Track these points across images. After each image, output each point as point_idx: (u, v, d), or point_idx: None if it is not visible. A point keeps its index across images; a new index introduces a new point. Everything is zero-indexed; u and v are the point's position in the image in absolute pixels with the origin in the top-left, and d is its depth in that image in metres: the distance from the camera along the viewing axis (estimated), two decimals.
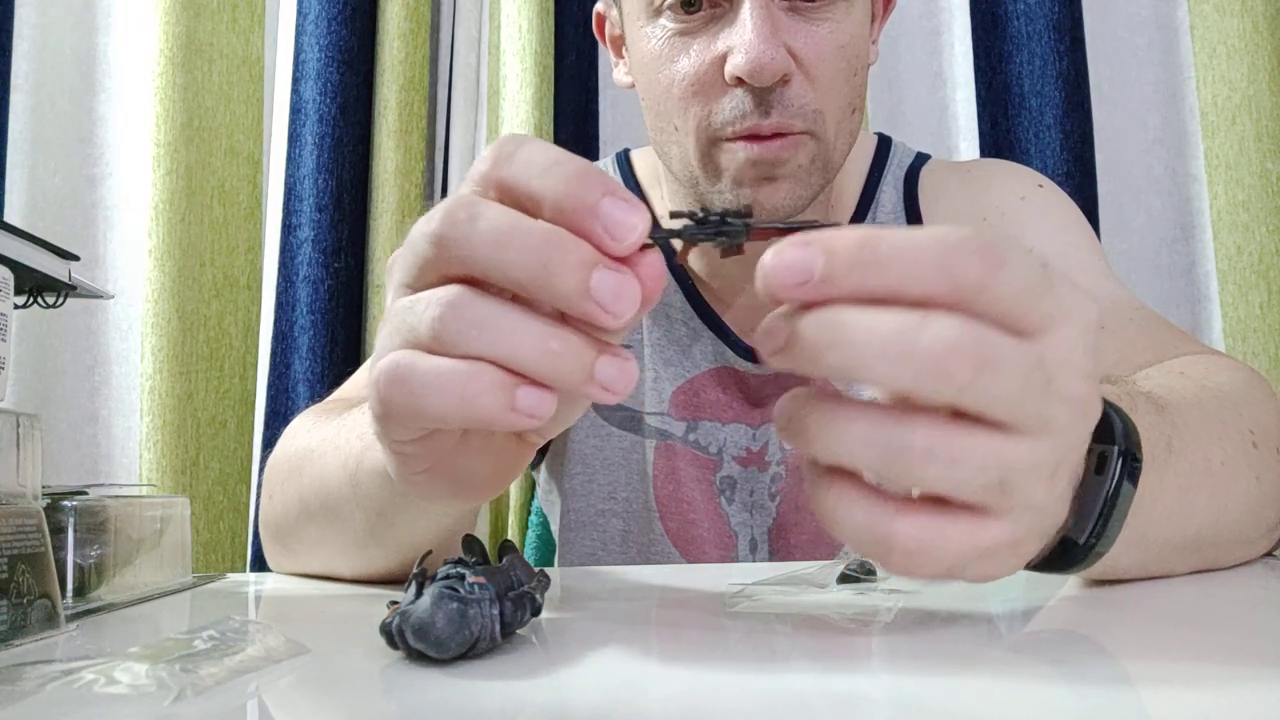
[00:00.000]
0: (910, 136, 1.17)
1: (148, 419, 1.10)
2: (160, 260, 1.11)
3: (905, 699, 0.28)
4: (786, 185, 0.64)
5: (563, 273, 0.28)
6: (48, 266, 0.51)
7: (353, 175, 1.13)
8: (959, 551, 0.29)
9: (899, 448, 0.27)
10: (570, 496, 0.77)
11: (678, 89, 0.64)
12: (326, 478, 0.51)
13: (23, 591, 0.38)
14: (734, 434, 0.75)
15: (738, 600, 0.44)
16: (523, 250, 0.29)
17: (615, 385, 0.30)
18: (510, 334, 0.29)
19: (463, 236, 0.30)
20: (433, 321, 0.30)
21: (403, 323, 0.31)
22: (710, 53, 0.62)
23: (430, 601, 0.32)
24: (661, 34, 0.64)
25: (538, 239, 0.29)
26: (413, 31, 1.14)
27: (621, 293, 0.29)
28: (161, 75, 1.12)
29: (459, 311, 0.29)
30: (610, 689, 0.30)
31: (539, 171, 0.30)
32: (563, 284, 0.28)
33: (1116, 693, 0.29)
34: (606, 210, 0.29)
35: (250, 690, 0.30)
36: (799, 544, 0.74)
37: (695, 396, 0.75)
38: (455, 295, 0.30)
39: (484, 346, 0.29)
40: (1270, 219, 1.07)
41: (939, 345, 0.26)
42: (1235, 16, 1.09)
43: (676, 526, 0.74)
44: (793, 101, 0.62)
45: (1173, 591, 0.44)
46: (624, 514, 0.75)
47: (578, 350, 0.29)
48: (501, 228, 0.29)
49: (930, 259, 0.27)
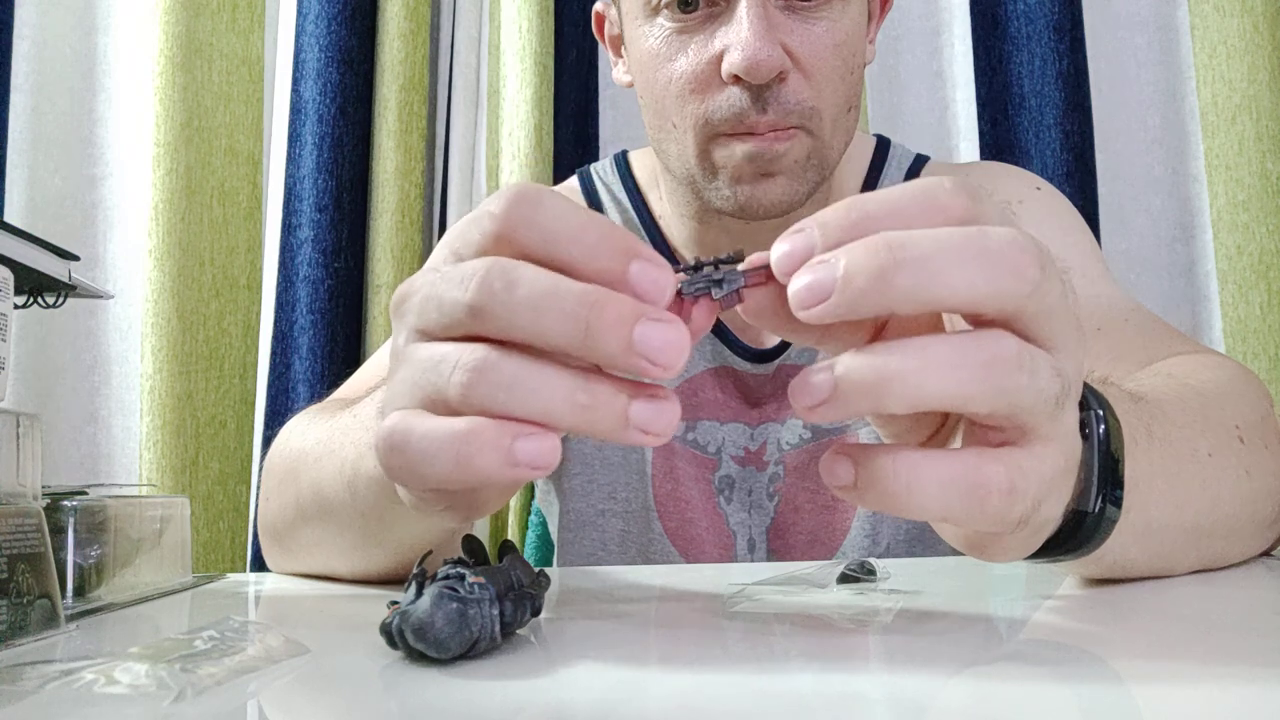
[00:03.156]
0: (910, 136, 1.18)
1: (148, 419, 1.10)
2: (160, 260, 1.11)
3: (905, 699, 0.28)
4: (783, 180, 0.65)
5: (604, 332, 0.28)
6: (48, 266, 0.51)
7: (353, 175, 1.13)
8: (1039, 482, 0.29)
9: (991, 359, 0.28)
10: (570, 497, 0.77)
11: (675, 86, 0.65)
12: (322, 482, 0.51)
13: (23, 591, 0.38)
14: (732, 433, 0.75)
15: (738, 600, 0.44)
16: (563, 315, 0.28)
17: (653, 427, 0.29)
18: (538, 394, 0.29)
19: (501, 306, 0.29)
20: (460, 387, 0.29)
21: (427, 381, 0.30)
22: (708, 51, 0.63)
23: (430, 601, 0.32)
24: (660, 32, 0.65)
25: (575, 302, 0.28)
26: (413, 31, 1.14)
27: (666, 343, 0.28)
28: (161, 75, 1.12)
29: (487, 376, 0.29)
30: (610, 689, 0.30)
31: (567, 238, 0.29)
32: (605, 344, 0.28)
33: (1117, 693, 0.29)
34: (637, 277, 0.29)
35: (250, 690, 0.30)
36: (797, 544, 0.74)
37: (694, 396, 0.75)
38: (484, 359, 0.29)
39: (510, 406, 0.29)
40: (1270, 219, 1.07)
41: (1006, 243, 0.28)
42: (1235, 16, 1.09)
43: (675, 525, 0.75)
44: (789, 99, 0.63)
45: (1172, 591, 0.44)
46: (623, 514, 0.76)
47: (608, 399, 0.29)
48: (540, 293, 0.29)
49: (915, 202, 0.29)
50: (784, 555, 0.74)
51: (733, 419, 0.75)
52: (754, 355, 0.75)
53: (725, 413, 0.75)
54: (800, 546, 0.74)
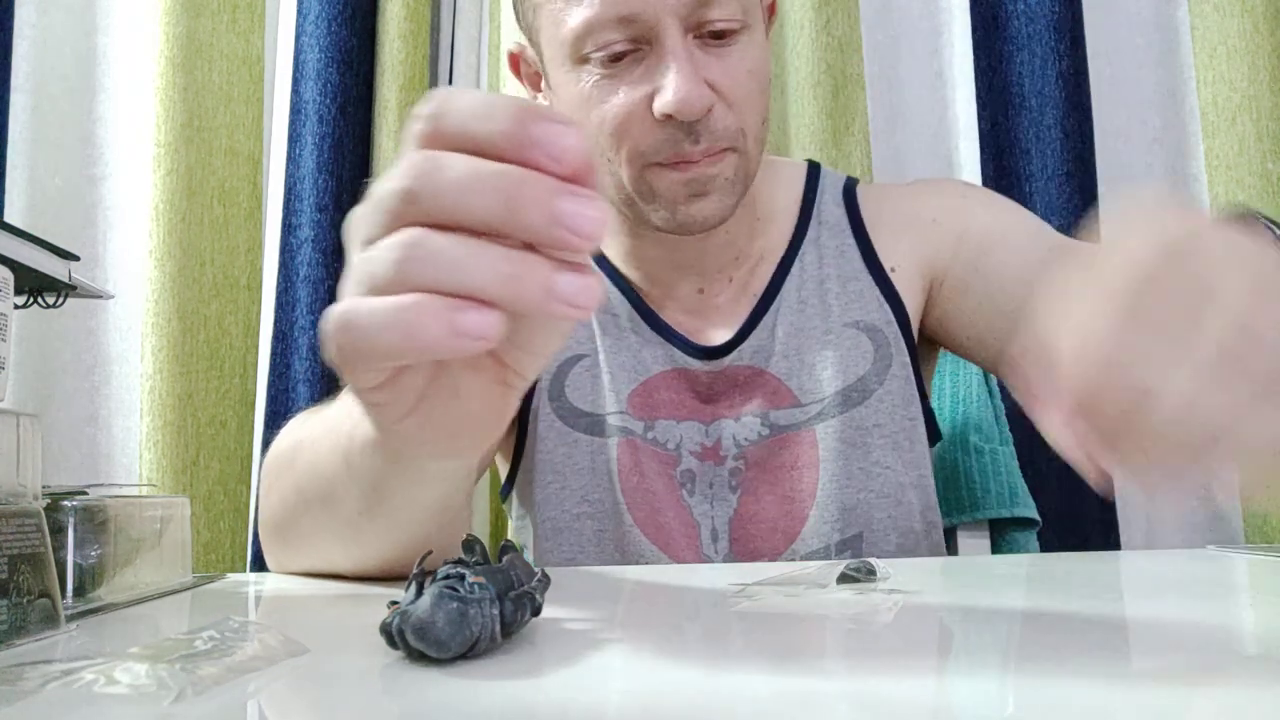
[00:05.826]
0: (910, 136, 1.18)
1: (148, 419, 1.10)
2: (160, 260, 1.11)
3: (906, 699, 0.28)
4: (716, 198, 0.71)
5: (528, 206, 0.29)
6: (48, 266, 0.51)
7: (353, 175, 1.13)
8: None
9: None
10: (545, 506, 0.79)
11: (609, 126, 0.69)
12: (320, 462, 0.51)
13: (23, 591, 0.38)
14: (689, 431, 0.78)
15: (739, 600, 0.44)
16: (486, 191, 0.29)
17: (579, 299, 0.30)
18: (464, 264, 0.30)
19: (429, 186, 0.30)
20: (395, 264, 0.30)
21: (363, 272, 0.31)
22: (638, 93, 0.68)
23: (430, 601, 0.32)
24: (589, 79, 0.70)
25: (498, 178, 0.30)
26: (413, 32, 1.14)
27: (584, 214, 0.29)
28: (161, 75, 1.12)
29: (417, 250, 0.30)
30: (610, 689, 0.30)
31: (476, 117, 0.31)
32: (529, 217, 0.29)
33: (1117, 693, 0.29)
34: (541, 135, 0.30)
35: (250, 690, 0.30)
36: (758, 533, 0.76)
37: (650, 397, 0.78)
38: (414, 236, 0.30)
39: (441, 279, 0.30)
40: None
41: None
42: (1235, 16, 1.09)
43: (644, 516, 0.77)
44: (716, 127, 0.69)
45: (1177, 594, 0.44)
46: (596, 515, 0.78)
47: (534, 269, 0.30)
48: (464, 173, 0.30)
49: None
50: (745, 545, 0.76)
51: (688, 417, 0.78)
52: (703, 353, 0.78)
53: (681, 411, 0.79)
54: (762, 535, 0.76)
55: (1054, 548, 1.00)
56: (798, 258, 0.80)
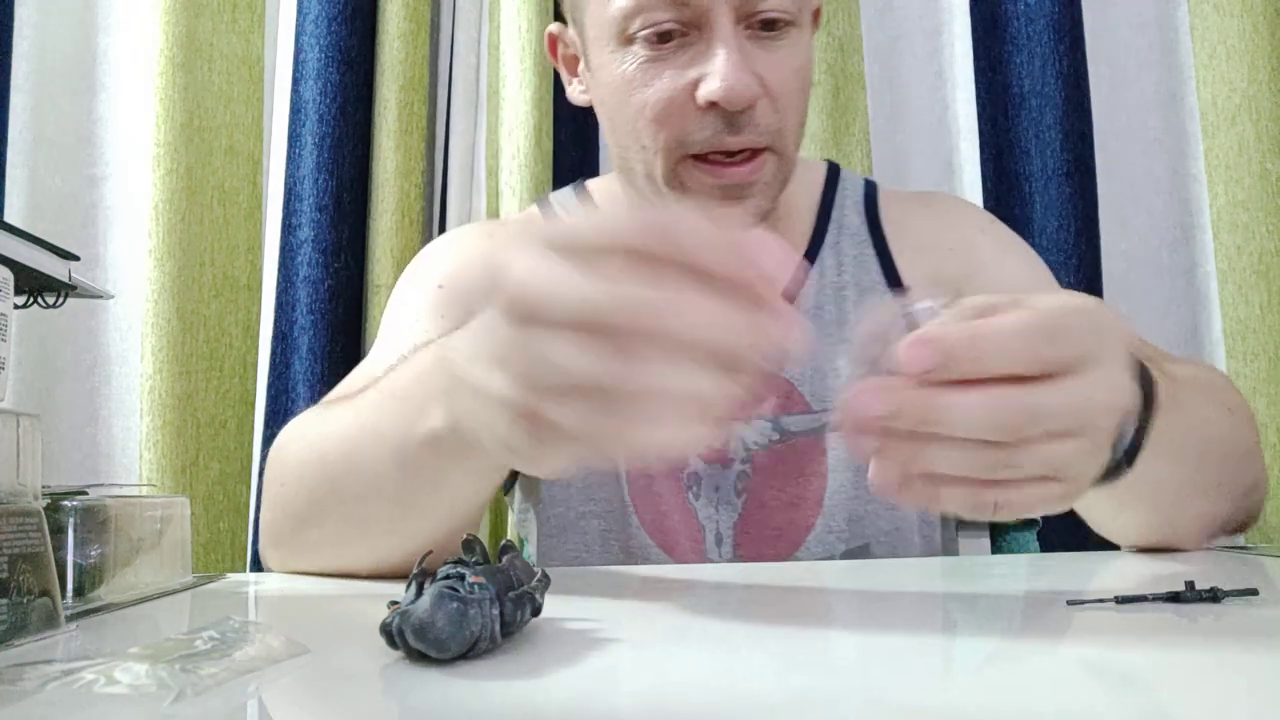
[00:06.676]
0: (910, 136, 1.18)
1: (148, 419, 1.10)
2: (160, 260, 1.11)
3: (908, 699, 0.28)
4: (753, 202, 0.71)
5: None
6: (48, 266, 0.51)
7: (353, 175, 1.13)
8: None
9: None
10: (551, 504, 0.79)
11: (650, 111, 0.68)
12: (361, 458, 0.52)
13: (23, 591, 0.38)
14: None
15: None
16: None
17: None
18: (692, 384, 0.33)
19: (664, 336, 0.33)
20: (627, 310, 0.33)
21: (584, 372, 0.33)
22: (683, 79, 0.67)
23: (430, 601, 0.32)
24: (633, 60, 0.68)
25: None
26: (413, 31, 1.14)
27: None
28: (161, 75, 1.12)
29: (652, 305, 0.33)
30: (610, 689, 0.30)
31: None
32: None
33: (1118, 693, 0.29)
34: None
35: (250, 690, 0.30)
36: (763, 538, 0.76)
37: None
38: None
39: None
40: (1270, 219, 1.07)
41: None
42: (1235, 16, 1.09)
43: (651, 518, 0.77)
44: (759, 122, 0.68)
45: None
46: (603, 514, 0.77)
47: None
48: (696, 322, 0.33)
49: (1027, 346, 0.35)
50: (749, 550, 0.76)
51: None
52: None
53: None
54: (766, 541, 0.76)
55: (1054, 548, 1.00)
56: (816, 261, 0.80)
